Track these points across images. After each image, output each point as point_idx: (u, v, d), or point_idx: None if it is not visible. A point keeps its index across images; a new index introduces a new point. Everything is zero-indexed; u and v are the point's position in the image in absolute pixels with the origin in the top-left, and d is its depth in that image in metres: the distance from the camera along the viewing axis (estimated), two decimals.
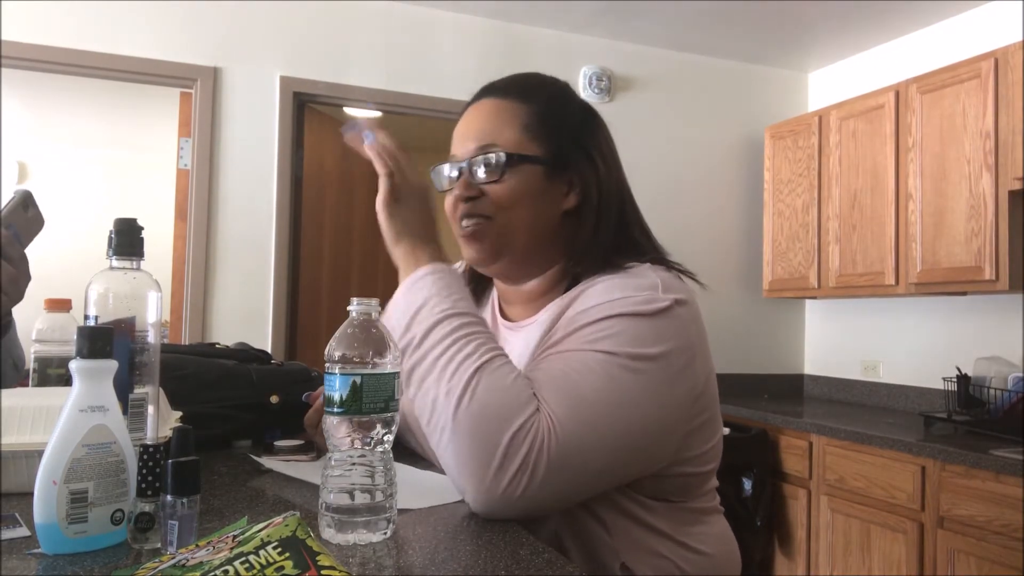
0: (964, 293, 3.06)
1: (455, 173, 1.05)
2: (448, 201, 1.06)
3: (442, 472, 1.04)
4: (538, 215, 1.02)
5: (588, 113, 1.10)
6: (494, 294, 1.18)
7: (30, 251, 1.01)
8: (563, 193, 1.04)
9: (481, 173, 1.01)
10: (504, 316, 1.15)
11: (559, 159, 1.03)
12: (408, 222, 1.01)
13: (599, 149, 1.06)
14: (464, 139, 1.05)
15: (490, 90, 1.09)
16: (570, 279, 1.04)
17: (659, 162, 3.75)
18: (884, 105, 3.21)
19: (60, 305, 1.31)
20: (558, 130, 1.04)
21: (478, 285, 1.19)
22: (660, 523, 0.97)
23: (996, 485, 2.31)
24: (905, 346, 3.51)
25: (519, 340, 1.04)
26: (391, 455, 0.76)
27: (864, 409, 3.52)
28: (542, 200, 1.03)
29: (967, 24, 3.30)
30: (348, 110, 3.73)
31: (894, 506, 2.66)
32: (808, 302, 4.12)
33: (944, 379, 2.99)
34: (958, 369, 2.93)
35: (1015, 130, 2.68)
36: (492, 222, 1.02)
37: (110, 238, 0.83)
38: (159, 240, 2.58)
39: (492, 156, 1.01)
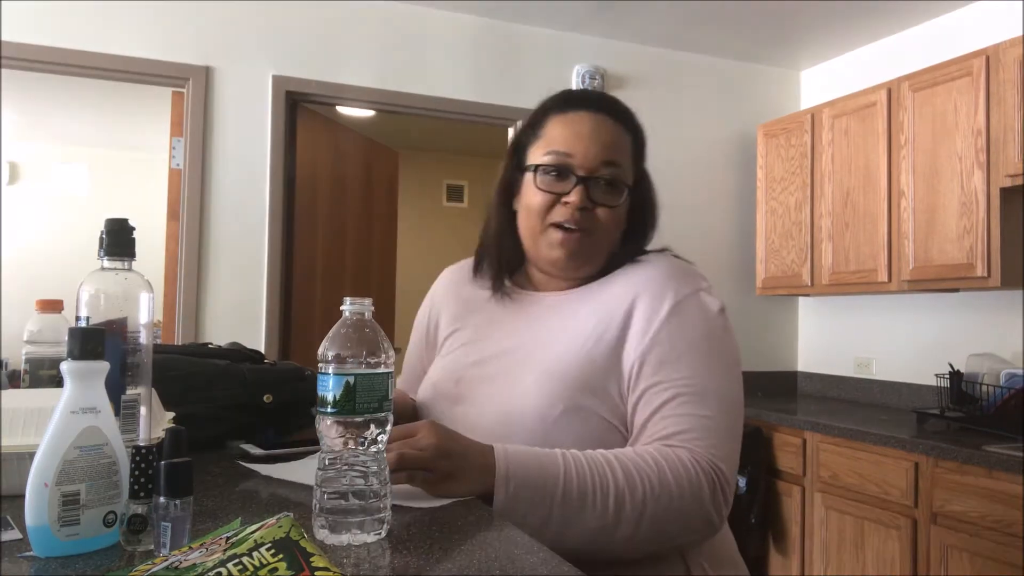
0: (956, 290, 3.07)
1: (574, 183, 1.08)
2: (545, 199, 1.09)
3: None
4: (619, 234, 1.14)
5: None
6: (508, 283, 1.22)
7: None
8: (627, 209, 1.15)
9: (603, 196, 1.09)
10: (519, 285, 1.22)
11: (635, 191, 1.15)
12: (459, 465, 0.91)
13: (648, 175, 1.20)
14: (585, 151, 1.09)
15: (602, 105, 1.14)
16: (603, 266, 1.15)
17: (652, 160, 3.70)
18: (876, 103, 3.22)
19: (52, 306, 1.30)
20: (639, 165, 1.18)
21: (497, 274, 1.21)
22: None
23: (989, 481, 2.32)
24: (898, 343, 3.52)
25: (595, 300, 1.10)
26: (385, 455, 0.76)
27: (857, 406, 3.53)
28: (623, 222, 1.14)
29: (958, 22, 3.31)
30: (341, 109, 3.72)
31: (888, 503, 2.67)
32: (801, 299, 4.13)
33: (937, 376, 3.00)
34: (950, 366, 2.94)
35: (1006, 127, 2.69)
36: (591, 237, 1.10)
37: (101, 238, 0.83)
38: (151, 240, 2.58)
39: (619, 183, 1.10)
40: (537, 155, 1.12)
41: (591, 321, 1.07)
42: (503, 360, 1.12)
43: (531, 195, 1.11)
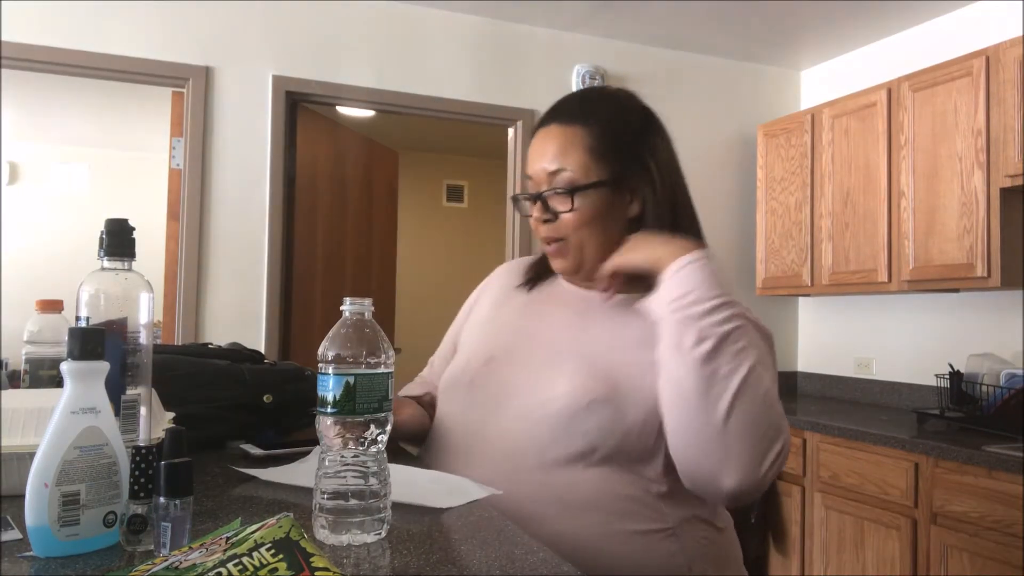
0: (956, 290, 3.07)
1: (531, 201, 1.14)
2: (531, 222, 1.16)
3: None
4: (606, 229, 1.12)
5: (647, 120, 1.17)
6: (558, 277, 1.24)
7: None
8: (627, 202, 1.13)
9: (554, 202, 1.12)
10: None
11: (621, 176, 1.11)
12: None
13: (656, 157, 1.14)
14: (534, 168, 1.14)
15: (555, 115, 1.16)
16: None
17: None
18: (876, 103, 3.22)
19: (52, 306, 1.30)
20: (618, 147, 1.12)
21: (541, 273, 1.27)
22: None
23: (989, 481, 2.32)
24: (898, 343, 3.52)
25: (604, 308, 1.13)
26: (385, 455, 0.76)
27: (857, 406, 3.53)
28: (609, 217, 1.12)
29: (958, 22, 3.31)
30: (341, 109, 3.72)
31: (888, 503, 2.67)
32: (801, 300, 4.13)
33: (937, 376, 3.00)
34: (951, 366, 2.94)
35: (1006, 127, 2.69)
36: (568, 242, 1.12)
37: (101, 239, 0.83)
38: (151, 240, 2.58)
39: (561, 187, 1.10)
40: None
41: (631, 326, 1.08)
42: (537, 347, 1.13)
43: None
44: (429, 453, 1.18)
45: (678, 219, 1.14)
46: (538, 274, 1.26)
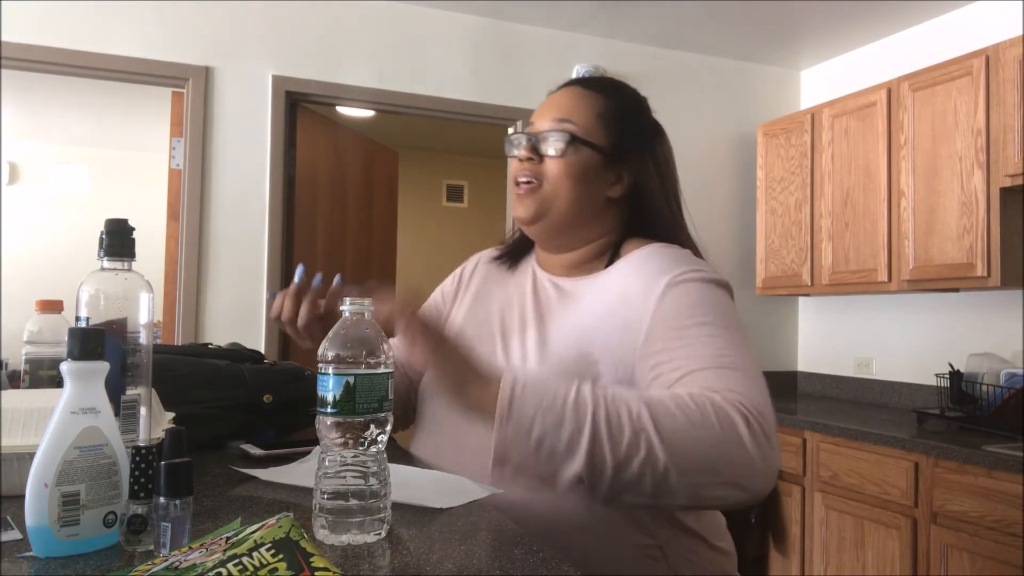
0: (956, 290, 3.07)
1: (524, 140, 1.14)
2: (511, 164, 1.17)
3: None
4: (581, 194, 1.12)
5: (656, 128, 1.22)
6: (532, 261, 1.26)
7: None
8: (611, 181, 1.15)
9: (545, 146, 1.12)
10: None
11: (616, 152, 1.14)
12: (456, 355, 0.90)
13: (655, 158, 1.18)
14: (541, 115, 1.16)
15: (576, 82, 1.20)
16: (609, 256, 1.16)
17: None
18: (876, 103, 3.22)
19: (52, 306, 1.30)
20: (624, 127, 1.16)
21: (519, 249, 1.29)
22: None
23: (989, 481, 2.32)
24: (898, 343, 3.52)
25: (594, 289, 1.12)
26: (385, 455, 0.76)
27: (857, 406, 3.53)
28: (590, 183, 1.13)
29: (958, 22, 3.31)
30: (341, 109, 3.72)
31: (888, 502, 2.67)
32: (801, 299, 4.13)
33: (937, 375, 3.00)
34: (951, 365, 2.94)
35: (1006, 127, 2.69)
36: (541, 188, 1.12)
37: (101, 239, 0.83)
38: (151, 240, 2.58)
39: (558, 135, 1.12)
40: None
41: (594, 305, 1.09)
42: (515, 338, 1.15)
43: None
44: (422, 442, 1.20)
45: (670, 224, 1.17)
46: (516, 254, 1.28)
